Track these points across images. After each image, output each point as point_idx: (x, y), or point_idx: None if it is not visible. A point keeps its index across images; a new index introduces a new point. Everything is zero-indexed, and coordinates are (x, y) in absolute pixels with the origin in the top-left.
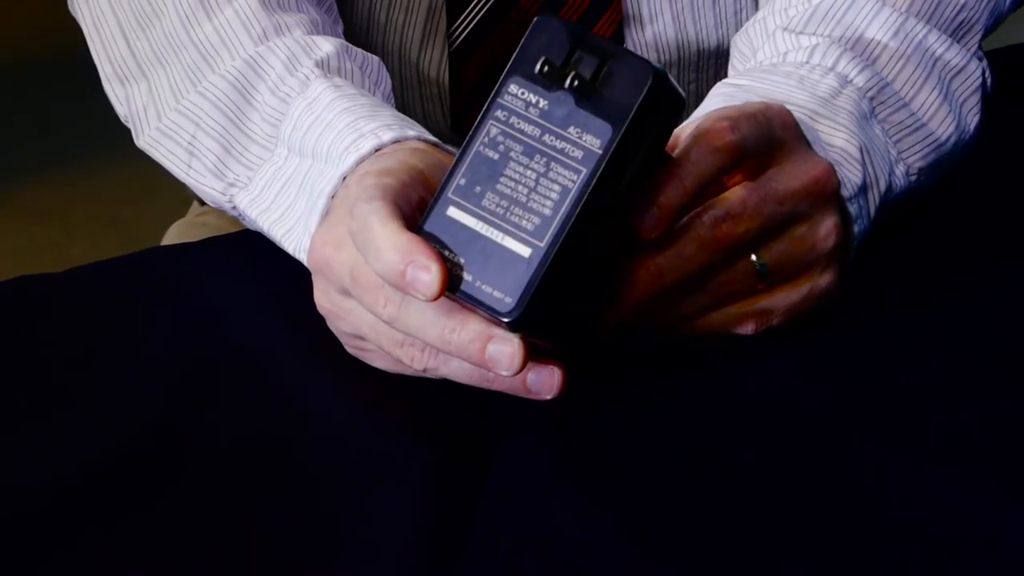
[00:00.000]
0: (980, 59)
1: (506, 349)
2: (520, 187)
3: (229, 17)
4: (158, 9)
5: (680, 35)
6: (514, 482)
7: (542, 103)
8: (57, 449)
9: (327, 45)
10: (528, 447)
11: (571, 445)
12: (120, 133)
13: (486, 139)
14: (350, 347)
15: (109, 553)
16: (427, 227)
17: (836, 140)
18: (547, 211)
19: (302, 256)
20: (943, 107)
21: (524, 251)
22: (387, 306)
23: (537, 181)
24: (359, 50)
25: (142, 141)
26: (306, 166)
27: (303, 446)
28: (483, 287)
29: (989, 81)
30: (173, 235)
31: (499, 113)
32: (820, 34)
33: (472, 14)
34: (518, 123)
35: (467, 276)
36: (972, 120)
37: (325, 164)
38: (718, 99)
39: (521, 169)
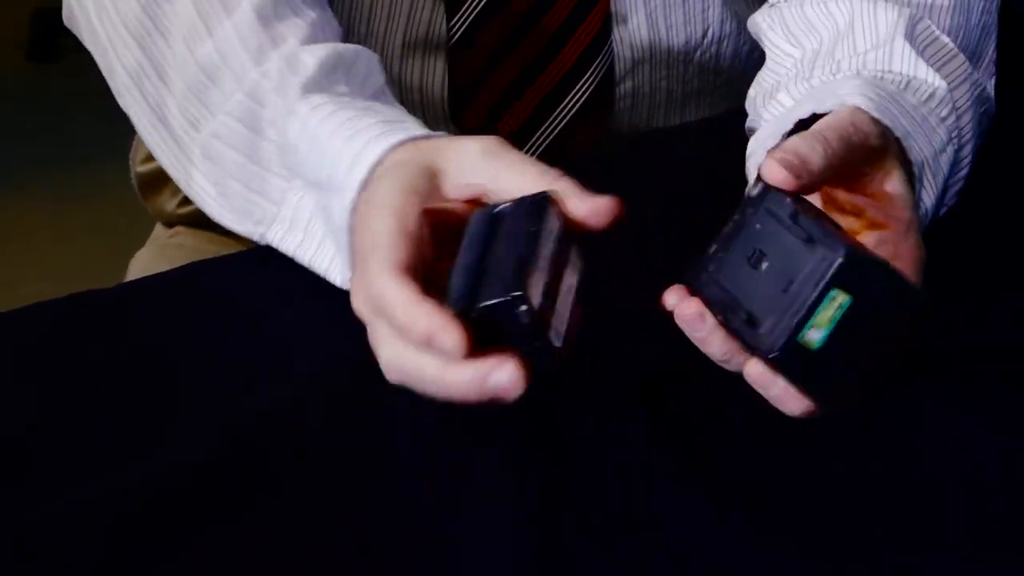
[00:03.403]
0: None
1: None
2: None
3: (228, 33)
4: (162, 27)
5: (652, 32)
6: (599, 462)
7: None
8: (162, 450)
9: (311, 60)
10: (607, 428)
11: (646, 424)
12: None
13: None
14: None
15: (219, 551)
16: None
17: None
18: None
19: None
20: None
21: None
22: (398, 378)
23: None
24: (348, 48)
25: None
26: (317, 196)
27: (393, 446)
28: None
29: None
30: (145, 259)
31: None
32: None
33: (467, 13)
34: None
35: None
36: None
37: (331, 192)
38: (862, 100)
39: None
